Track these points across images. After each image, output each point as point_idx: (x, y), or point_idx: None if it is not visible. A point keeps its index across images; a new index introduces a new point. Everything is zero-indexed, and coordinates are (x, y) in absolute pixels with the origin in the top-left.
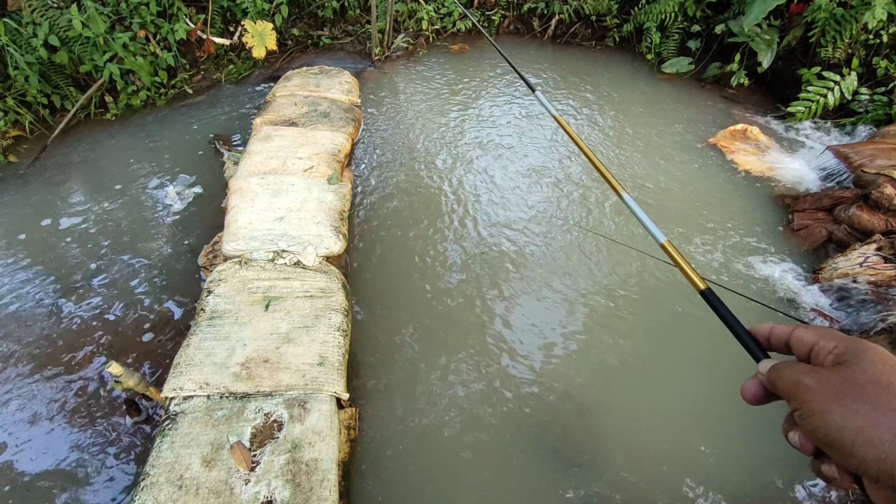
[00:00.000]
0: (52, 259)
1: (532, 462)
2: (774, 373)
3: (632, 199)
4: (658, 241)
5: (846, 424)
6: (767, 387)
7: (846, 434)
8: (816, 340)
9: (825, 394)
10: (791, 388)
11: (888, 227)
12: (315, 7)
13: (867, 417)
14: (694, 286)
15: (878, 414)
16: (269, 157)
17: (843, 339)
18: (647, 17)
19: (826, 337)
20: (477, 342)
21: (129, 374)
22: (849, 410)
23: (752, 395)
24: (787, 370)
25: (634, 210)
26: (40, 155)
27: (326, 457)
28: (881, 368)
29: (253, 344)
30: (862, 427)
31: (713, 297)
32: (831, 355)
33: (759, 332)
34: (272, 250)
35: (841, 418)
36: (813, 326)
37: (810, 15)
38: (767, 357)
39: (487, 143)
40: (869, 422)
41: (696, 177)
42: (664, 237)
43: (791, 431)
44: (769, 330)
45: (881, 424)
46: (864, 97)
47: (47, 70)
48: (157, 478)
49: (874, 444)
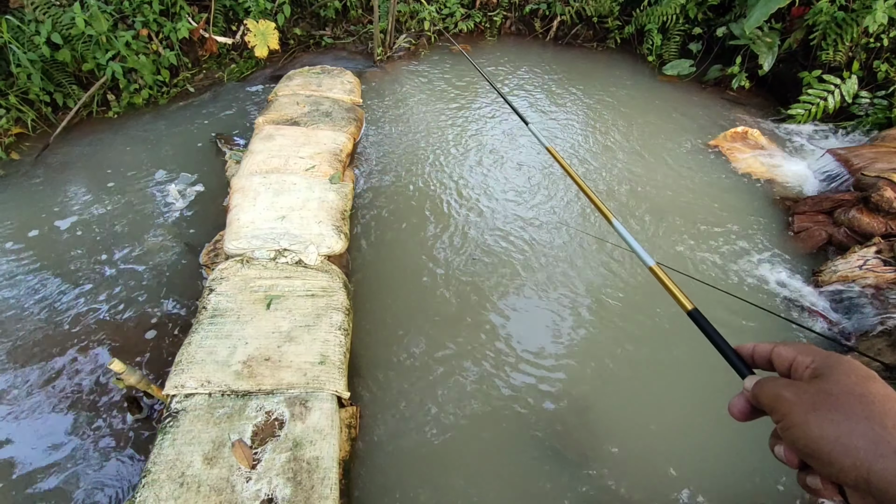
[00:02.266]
0: (53, 256)
1: (533, 461)
2: (758, 388)
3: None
4: (647, 265)
5: (823, 434)
6: (752, 402)
7: (824, 444)
8: (795, 356)
9: (803, 405)
10: (773, 401)
11: (888, 230)
12: (317, 7)
13: (842, 426)
14: (682, 307)
15: (852, 423)
16: (271, 156)
17: (819, 353)
18: (648, 19)
19: (803, 352)
20: (478, 341)
21: (130, 371)
22: (825, 420)
23: (739, 412)
24: (769, 385)
25: (624, 236)
26: (42, 152)
27: (327, 455)
28: (854, 380)
29: (254, 342)
30: (837, 436)
31: (700, 317)
32: (808, 369)
33: (743, 350)
34: (274, 249)
35: (819, 428)
36: (793, 343)
37: (811, 18)
38: (752, 374)
39: (489, 143)
40: (843, 430)
41: (697, 178)
42: (653, 261)
43: (777, 445)
44: (752, 348)
45: (854, 432)
46: (865, 100)
47: (50, 68)
48: (159, 475)
49: (850, 451)
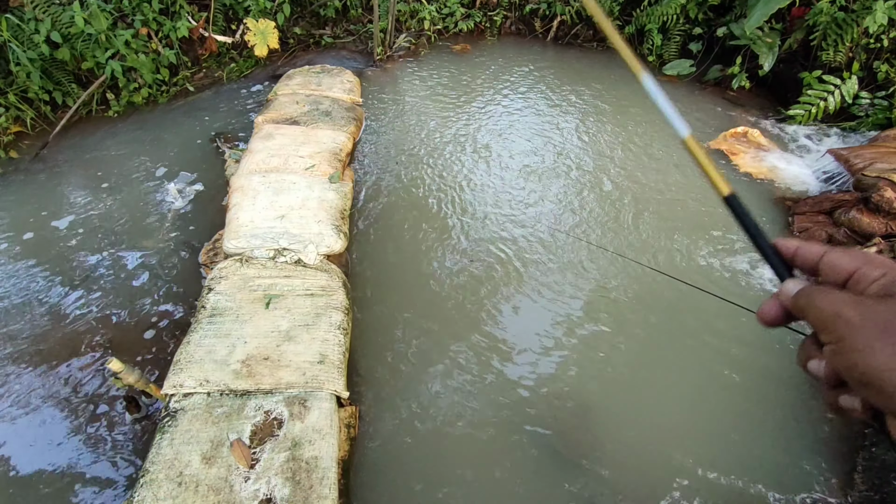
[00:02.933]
0: (52, 255)
1: (531, 461)
2: (805, 298)
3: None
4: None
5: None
6: (792, 311)
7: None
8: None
9: (869, 329)
10: (827, 319)
11: (888, 231)
12: (317, 6)
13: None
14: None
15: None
16: (271, 156)
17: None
18: (648, 19)
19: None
20: (477, 341)
21: (128, 370)
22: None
23: (772, 318)
24: (823, 298)
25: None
26: (41, 151)
27: (326, 455)
28: None
29: (253, 341)
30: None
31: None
32: (876, 284)
33: (784, 248)
34: (273, 248)
35: (887, 358)
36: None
37: (812, 18)
38: (792, 276)
39: (490, 142)
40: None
41: (697, 178)
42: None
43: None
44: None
45: None
46: (865, 101)
47: (49, 66)
48: (157, 474)
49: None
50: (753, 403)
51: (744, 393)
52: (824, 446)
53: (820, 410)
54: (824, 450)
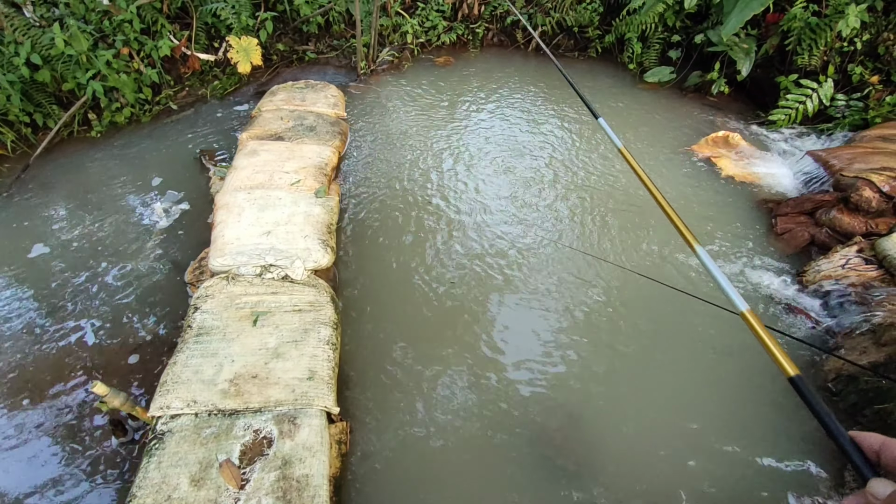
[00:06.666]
0: (35, 278)
1: (524, 473)
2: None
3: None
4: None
5: None
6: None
7: None
8: None
9: None
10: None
11: (868, 230)
12: (300, 22)
13: None
14: (783, 371)
15: None
16: (256, 172)
17: None
18: (628, 28)
19: None
20: (467, 354)
21: (114, 393)
22: None
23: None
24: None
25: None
26: (22, 174)
27: (317, 472)
28: None
29: (241, 360)
30: None
31: (804, 386)
32: None
33: (866, 444)
34: (260, 265)
35: None
36: None
37: (786, 24)
38: (877, 476)
39: (474, 154)
40: None
41: (680, 183)
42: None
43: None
44: (880, 444)
45: None
46: (841, 103)
47: (29, 88)
48: (145, 499)
49: None
50: (744, 404)
51: (736, 393)
52: (815, 445)
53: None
54: (815, 449)
